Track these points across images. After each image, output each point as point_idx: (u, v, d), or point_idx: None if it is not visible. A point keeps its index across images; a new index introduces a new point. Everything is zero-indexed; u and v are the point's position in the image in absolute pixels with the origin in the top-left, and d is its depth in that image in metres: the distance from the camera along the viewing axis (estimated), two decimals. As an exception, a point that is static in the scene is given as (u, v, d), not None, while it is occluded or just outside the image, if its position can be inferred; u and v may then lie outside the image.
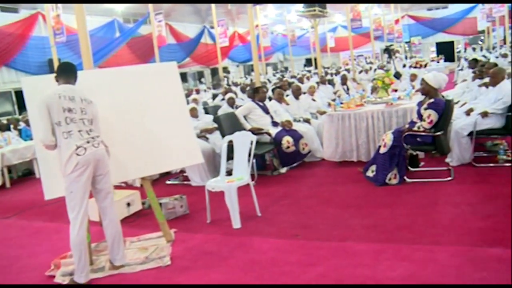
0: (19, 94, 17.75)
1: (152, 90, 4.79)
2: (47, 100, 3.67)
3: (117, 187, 6.04)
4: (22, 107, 17.31)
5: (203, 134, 7.28)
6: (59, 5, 13.14)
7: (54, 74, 3.94)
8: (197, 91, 16.54)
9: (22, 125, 11.53)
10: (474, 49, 28.79)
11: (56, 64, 12.94)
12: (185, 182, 7.02)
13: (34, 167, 9.39)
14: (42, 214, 6.33)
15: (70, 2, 8.45)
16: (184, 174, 7.13)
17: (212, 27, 26.03)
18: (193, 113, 7.41)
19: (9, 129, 10.68)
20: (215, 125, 7.22)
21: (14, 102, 18.26)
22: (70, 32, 13.88)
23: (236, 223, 4.76)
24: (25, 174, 9.68)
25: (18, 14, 18.39)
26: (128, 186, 6.92)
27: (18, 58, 17.74)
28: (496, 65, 7.66)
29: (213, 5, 19.98)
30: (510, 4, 18.43)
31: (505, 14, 19.83)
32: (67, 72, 3.90)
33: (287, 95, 8.64)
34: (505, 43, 21.02)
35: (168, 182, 7.24)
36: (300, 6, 14.14)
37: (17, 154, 8.89)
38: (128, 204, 5.66)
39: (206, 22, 29.22)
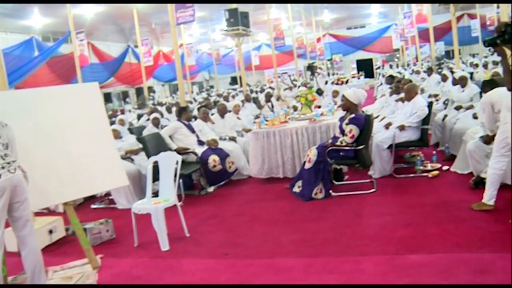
0: None
1: (73, 111, 4.62)
2: (-43, 124, 3.45)
3: (38, 213, 5.74)
4: None
5: (128, 156, 7.11)
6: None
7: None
8: (122, 112, 16.19)
9: None
10: (391, 66, 30.22)
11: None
12: (111, 206, 6.78)
13: None
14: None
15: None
16: (110, 197, 6.90)
17: (136, 46, 25.64)
18: (116, 134, 7.21)
19: None
20: (140, 146, 7.07)
21: None
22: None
23: (164, 245, 4.67)
24: None
25: None
26: (50, 212, 6.59)
27: None
28: (410, 81, 8.07)
29: (136, 24, 19.71)
30: (419, 25, 19.64)
31: (415, 35, 21.07)
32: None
33: (213, 114, 8.65)
34: (417, 61, 22.30)
35: (93, 206, 6.96)
36: (224, 25, 14.25)
37: None
38: (50, 231, 5.38)
39: (130, 41, 28.77)
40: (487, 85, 5.13)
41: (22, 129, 4.03)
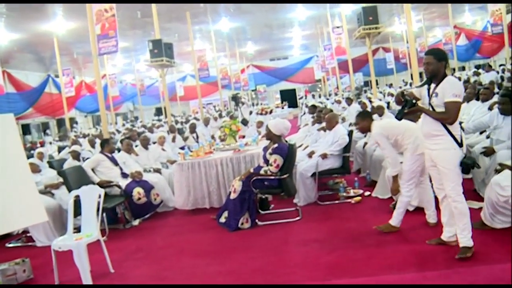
0: None
1: (-14, 144, 4.37)
2: None
3: None
4: None
5: (48, 190, 6.80)
6: None
7: None
8: (42, 144, 15.52)
9: None
10: (313, 96, 31.22)
11: None
12: (29, 243, 6.42)
13: None
14: None
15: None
16: (28, 235, 6.53)
17: (57, 76, 24.86)
18: (34, 168, 6.89)
19: None
20: (61, 180, 6.79)
21: None
22: None
23: (87, 282, 4.47)
24: None
25: None
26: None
27: None
28: (331, 110, 8.36)
29: (57, 53, 19.16)
30: (339, 57, 20.50)
31: (335, 66, 22.00)
32: None
33: (136, 146, 8.49)
34: (338, 90, 23.24)
35: (8, 245, 6.56)
36: (147, 56, 14.19)
37: None
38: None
39: (50, 70, 27.84)
40: (360, 117, 5.31)
41: None
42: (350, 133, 6.75)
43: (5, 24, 17.29)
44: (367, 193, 6.60)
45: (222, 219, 5.91)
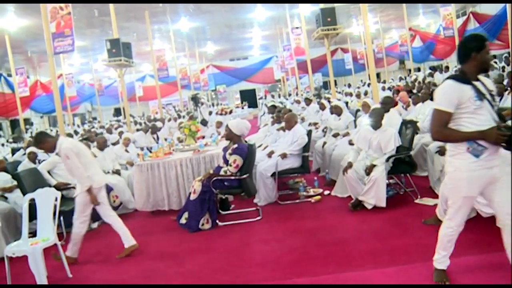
0: None
1: None
2: None
3: None
4: None
5: (1, 194, 6.59)
6: None
7: None
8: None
9: None
10: (273, 96, 31.36)
11: None
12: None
13: None
14: None
15: None
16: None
17: (9, 75, 24.10)
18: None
19: None
20: (15, 183, 6.59)
21: None
22: None
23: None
24: None
25: None
26: None
27: None
28: (290, 110, 8.44)
29: (9, 51, 18.58)
30: (298, 57, 20.65)
31: (294, 66, 22.18)
32: None
33: (94, 147, 8.33)
34: (298, 90, 23.46)
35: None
36: (105, 56, 13.94)
37: None
38: None
39: (2, 69, 26.96)
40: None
41: None
42: (309, 133, 6.83)
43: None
44: (326, 192, 6.69)
45: (183, 220, 5.88)
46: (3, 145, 16.17)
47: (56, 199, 4.79)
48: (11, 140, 19.80)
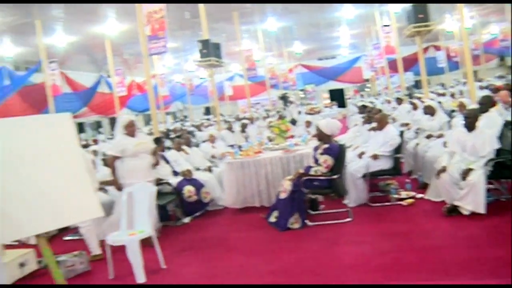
0: None
1: (45, 141, 4.52)
2: None
3: (8, 246, 5.59)
4: None
5: (101, 187, 7.01)
6: None
7: None
8: (95, 142, 15.99)
9: None
10: (362, 96, 30.76)
11: None
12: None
13: None
14: None
15: None
16: (83, 229, 6.75)
17: (109, 76, 25.54)
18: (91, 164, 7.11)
19: None
20: (114, 177, 6.97)
21: None
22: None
23: (140, 277, 4.58)
24: None
25: None
26: (22, 244, 6.41)
27: None
28: (380, 110, 8.22)
29: (109, 54, 19.71)
30: (388, 56, 20.07)
31: (384, 65, 21.59)
32: None
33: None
34: (388, 90, 22.81)
35: (66, 238, 6.82)
36: (197, 56, 14.36)
37: None
38: (22, 265, 5.22)
39: (102, 71, 28.64)
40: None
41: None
42: (401, 134, 6.62)
43: (63, 28, 17.99)
44: (419, 196, 6.44)
45: (272, 219, 5.92)
46: (103, 141, 17.16)
47: (151, 194, 5.01)
48: (110, 137, 21.01)
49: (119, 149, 5.89)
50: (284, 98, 18.51)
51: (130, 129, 5.91)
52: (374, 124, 7.50)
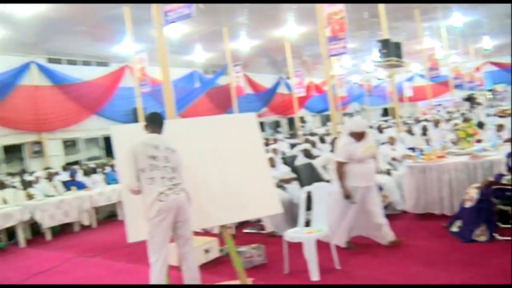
0: (106, 140, 18.77)
1: (232, 139, 4.89)
2: (134, 148, 3.87)
3: (195, 233, 6.13)
4: (109, 152, 18.23)
5: (280, 184, 7.26)
6: (145, 58, 13.92)
7: (142, 123, 4.18)
8: (275, 141, 16.70)
9: (108, 169, 12.13)
10: None
11: (140, 113, 13.60)
12: (262, 231, 6.99)
13: (117, 210, 9.79)
14: (125, 255, 6.59)
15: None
16: (261, 223, 7.11)
17: (288, 78, 26.47)
18: (271, 162, 7.43)
19: (95, 172, 11.33)
20: (293, 175, 7.19)
21: (102, 147, 19.27)
22: (154, 83, 14.58)
23: (315, 275, 4.67)
24: (109, 216, 10.15)
25: (108, 67, 19.67)
26: (205, 232, 6.98)
27: (107, 107, 18.86)
28: None
29: (289, 56, 20.42)
30: None
31: None
32: (155, 122, 4.12)
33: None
34: None
35: (245, 230, 7.24)
36: (376, 57, 14.10)
37: (103, 197, 9.45)
38: (206, 251, 5.71)
39: (282, 73, 29.78)
40: None
41: (187, 154, 4.36)
42: None
43: (246, 33, 19.15)
44: None
45: (454, 228, 5.55)
46: (282, 140, 17.83)
47: (330, 193, 5.05)
48: (287, 136, 21.75)
49: (346, 154, 5.45)
50: (470, 99, 17.14)
51: (358, 135, 5.46)
52: None
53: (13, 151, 16.72)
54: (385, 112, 35.71)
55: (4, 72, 15.75)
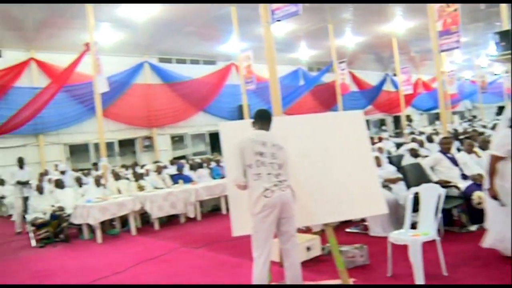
0: (212, 135, 19.45)
1: (338, 137, 4.83)
2: (242, 144, 3.96)
3: (298, 230, 6.15)
4: (214, 147, 18.90)
5: (386, 184, 7.07)
6: (250, 56, 14.19)
7: (250, 120, 4.27)
8: (380, 139, 16.29)
9: (213, 164, 12.56)
10: None
11: (245, 110, 13.92)
12: (365, 232, 6.86)
13: (221, 204, 10.11)
14: (228, 248, 6.72)
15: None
16: (365, 223, 6.97)
17: (394, 75, 25.71)
18: (377, 161, 7.25)
19: (201, 167, 11.79)
20: (399, 175, 6.97)
21: (208, 143, 19.99)
22: (259, 80, 14.85)
23: (419, 279, 4.47)
24: (213, 210, 10.51)
25: (215, 65, 20.36)
26: (307, 230, 6.98)
27: (213, 104, 19.53)
28: None
29: (396, 52, 19.81)
30: None
31: None
32: (263, 119, 4.18)
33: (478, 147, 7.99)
34: None
35: (347, 230, 7.14)
36: (492, 50, 13.22)
37: (208, 191, 9.82)
38: (308, 249, 5.69)
39: (388, 69, 28.97)
40: None
41: (291, 151, 4.38)
42: None
43: (351, 29, 18.86)
44: None
45: None
46: (387, 139, 17.36)
47: (439, 196, 4.82)
48: (393, 135, 21.11)
49: (506, 148, 4.77)
50: None
51: None
52: None
53: (127, 145, 17.93)
54: (500, 111, 33.43)
55: (122, 71, 16.93)
